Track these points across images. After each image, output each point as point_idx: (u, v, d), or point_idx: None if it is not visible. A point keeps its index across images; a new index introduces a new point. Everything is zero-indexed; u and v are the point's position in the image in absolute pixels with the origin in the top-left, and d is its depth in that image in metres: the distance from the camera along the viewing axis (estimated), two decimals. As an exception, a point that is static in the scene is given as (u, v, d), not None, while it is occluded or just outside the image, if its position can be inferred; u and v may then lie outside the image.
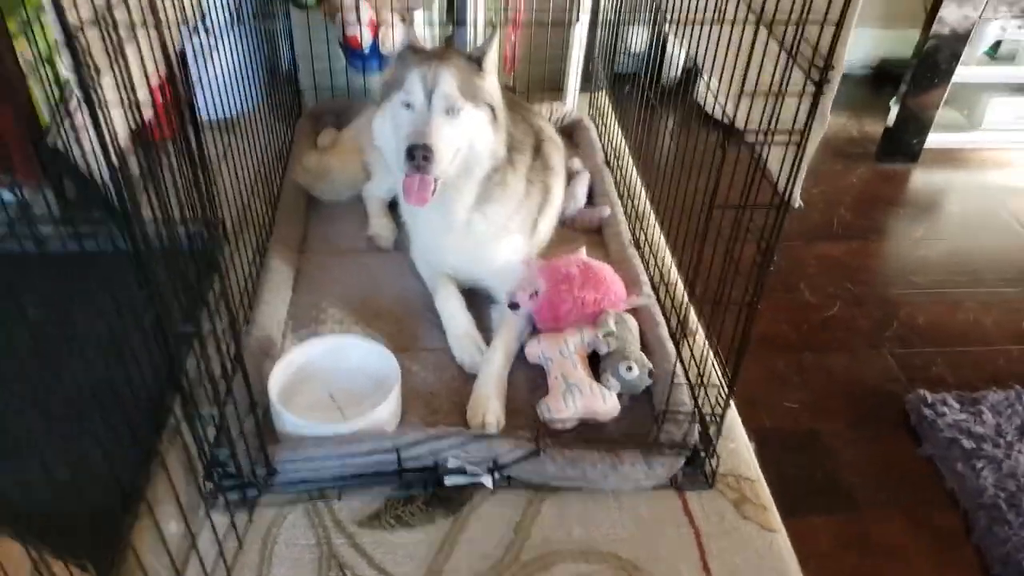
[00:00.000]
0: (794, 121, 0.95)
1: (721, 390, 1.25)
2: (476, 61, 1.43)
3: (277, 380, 1.32)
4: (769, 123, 0.96)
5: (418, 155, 1.31)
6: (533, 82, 2.19)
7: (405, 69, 1.40)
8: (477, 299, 1.59)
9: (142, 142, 0.92)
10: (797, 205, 1.00)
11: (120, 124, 0.90)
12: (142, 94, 0.92)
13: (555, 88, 2.30)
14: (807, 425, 1.64)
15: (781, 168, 1.00)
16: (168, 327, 0.94)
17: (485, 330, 1.52)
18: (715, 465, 1.29)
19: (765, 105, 0.96)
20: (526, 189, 1.56)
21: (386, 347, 1.40)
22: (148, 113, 0.96)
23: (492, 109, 1.43)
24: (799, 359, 1.80)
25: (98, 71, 0.82)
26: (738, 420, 1.40)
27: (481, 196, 1.48)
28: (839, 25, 0.87)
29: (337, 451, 1.22)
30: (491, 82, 1.45)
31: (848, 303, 1.98)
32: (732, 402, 1.24)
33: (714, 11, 1.18)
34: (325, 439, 1.23)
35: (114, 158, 0.85)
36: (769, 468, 1.33)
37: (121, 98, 0.88)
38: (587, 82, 2.32)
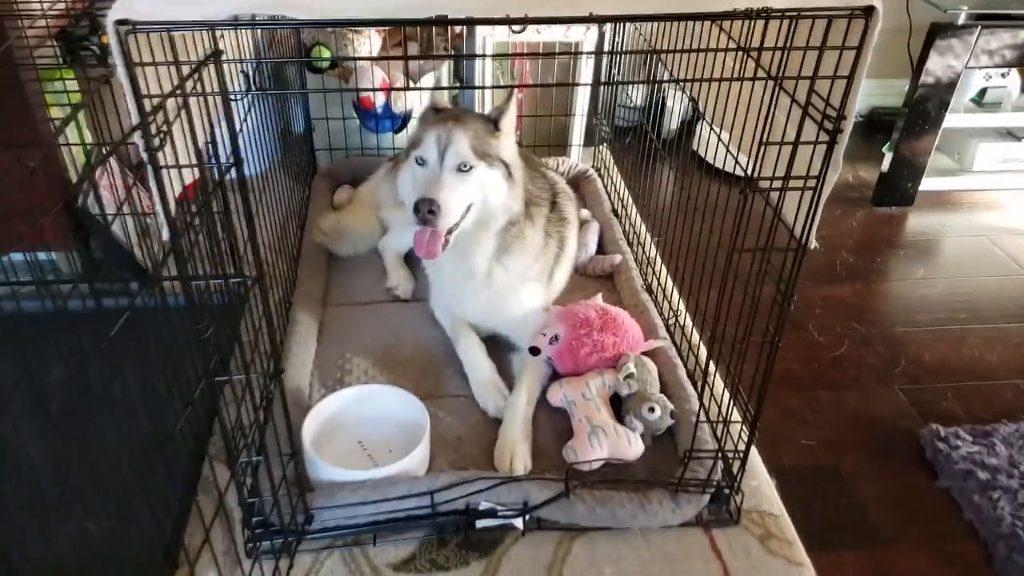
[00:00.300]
0: (808, 168, 1.02)
1: (744, 427, 1.30)
2: (493, 122, 1.50)
3: (309, 429, 1.36)
4: (786, 171, 1.03)
5: (423, 208, 1.38)
6: (539, 138, 2.29)
7: (423, 129, 1.48)
8: (497, 346, 1.65)
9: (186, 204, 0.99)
10: (813, 247, 1.07)
11: (176, 186, 0.97)
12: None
13: (560, 143, 2.40)
14: (825, 461, 1.69)
15: (797, 213, 1.06)
16: (211, 376, 0.99)
17: (507, 376, 1.57)
18: (740, 502, 1.32)
19: (779, 155, 1.03)
20: (544, 241, 1.63)
21: (413, 395, 1.44)
22: (192, 177, 1.02)
23: (507, 167, 1.49)
24: (813, 397, 1.85)
25: (164, 139, 0.89)
26: (759, 458, 1.44)
27: (500, 248, 1.55)
28: (851, 77, 0.95)
29: (372, 496, 1.25)
30: (507, 142, 1.51)
31: (856, 342, 2.05)
32: (755, 438, 1.29)
33: (721, 68, 1.26)
34: (359, 485, 1.26)
35: (173, 219, 0.92)
36: (791, 504, 1.37)
37: (177, 161, 0.95)
38: (590, 136, 2.42)
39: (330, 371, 1.61)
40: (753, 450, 1.39)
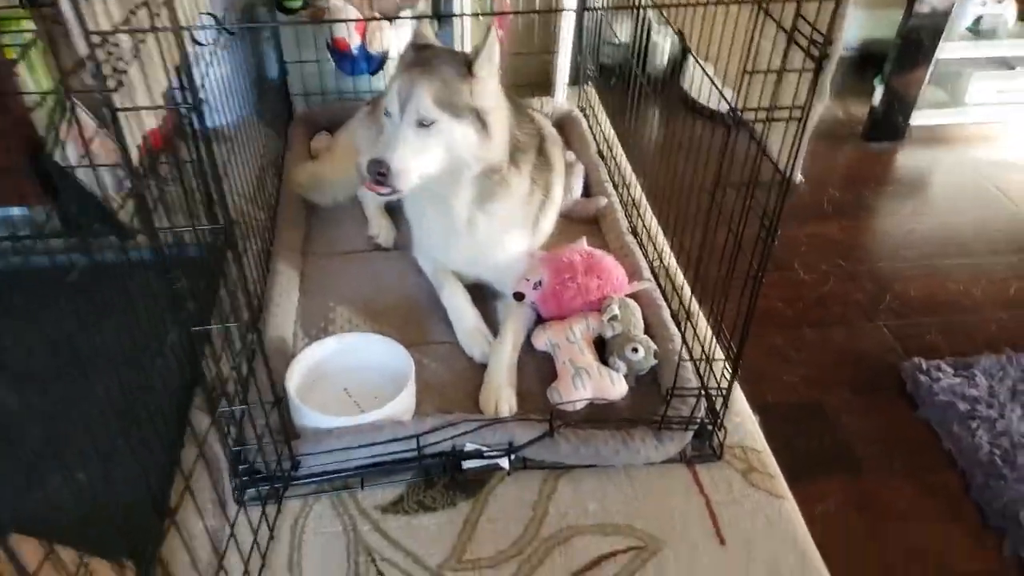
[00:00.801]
0: (794, 98, 1.02)
1: (726, 365, 1.33)
2: (467, 66, 1.40)
3: (293, 377, 1.39)
4: (771, 102, 1.03)
5: (372, 170, 1.36)
6: (522, 77, 2.27)
7: (395, 75, 1.45)
8: (482, 293, 1.66)
9: (153, 153, 0.99)
10: (799, 180, 1.08)
11: (137, 135, 0.98)
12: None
13: (544, 83, 2.38)
14: (809, 397, 1.74)
15: (781, 146, 1.07)
16: (184, 326, 1.00)
17: (491, 322, 1.59)
18: (722, 438, 1.37)
19: (764, 85, 1.04)
20: (529, 188, 1.61)
21: (398, 342, 1.46)
22: (154, 123, 1.02)
23: (479, 116, 1.42)
24: (797, 335, 1.90)
25: (119, 84, 0.88)
26: (742, 396, 1.48)
27: (482, 195, 1.53)
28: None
29: (358, 442, 1.28)
30: (484, 88, 1.42)
31: (842, 279, 2.09)
32: (737, 376, 1.32)
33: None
34: (345, 431, 1.29)
35: (136, 168, 0.92)
36: (775, 439, 1.41)
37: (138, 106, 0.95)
38: (575, 75, 2.40)
39: (314, 320, 1.63)
40: (737, 388, 1.43)
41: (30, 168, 1.70)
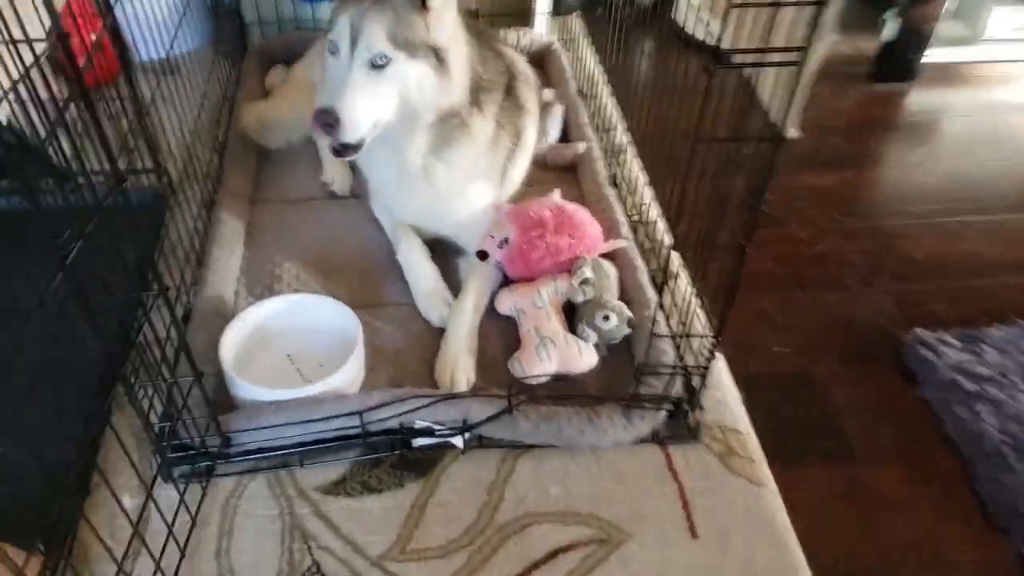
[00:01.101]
0: (789, 39, 0.88)
1: (706, 339, 1.22)
2: None
3: (231, 343, 1.29)
4: (763, 42, 0.89)
5: (320, 120, 1.24)
6: (497, 6, 2.10)
7: (339, 4, 1.30)
8: (443, 250, 1.55)
9: (78, 89, 0.86)
10: (792, 135, 0.95)
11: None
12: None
13: (523, 11, 2.21)
14: (798, 368, 1.63)
15: (774, 93, 0.94)
16: (75, 288, 0.89)
17: (453, 283, 1.48)
18: (700, 417, 1.27)
19: (755, 20, 0.90)
20: (494, 133, 1.48)
21: (347, 304, 1.36)
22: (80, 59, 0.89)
23: (436, 54, 1.30)
24: (788, 299, 1.78)
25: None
26: (724, 367, 1.38)
27: (439, 141, 1.41)
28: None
29: (295, 417, 1.19)
30: (442, 19, 1.30)
31: (840, 237, 1.95)
32: (718, 352, 1.22)
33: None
34: (284, 405, 1.20)
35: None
36: (759, 416, 1.31)
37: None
38: (557, 4, 2.22)
39: (258, 277, 1.52)
40: (719, 359, 1.34)
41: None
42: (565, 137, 1.85)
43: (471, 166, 1.46)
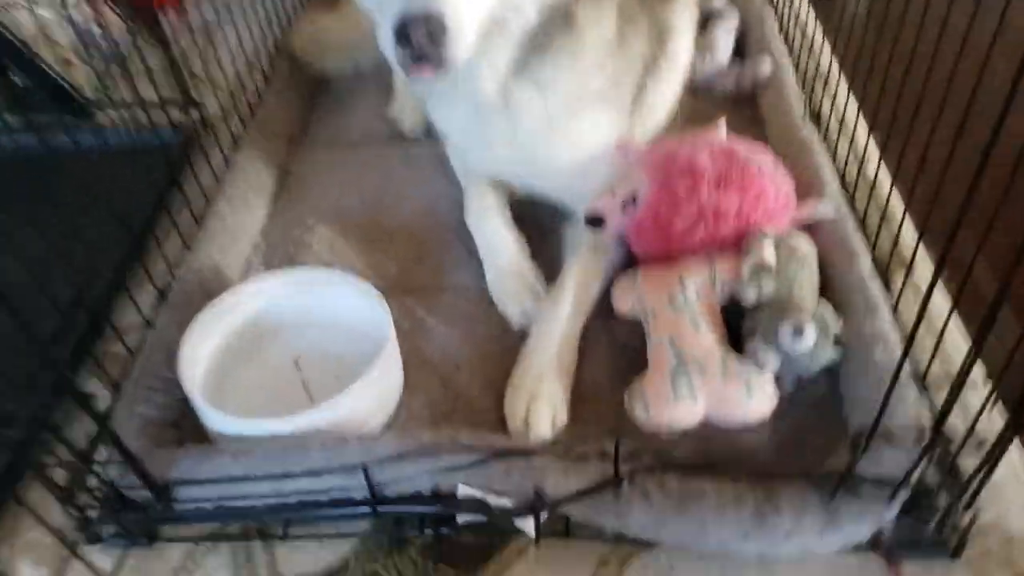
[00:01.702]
0: None
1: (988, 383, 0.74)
2: None
3: (199, 341, 0.94)
4: None
5: (416, 35, 0.83)
6: None
7: None
8: (536, 215, 1.16)
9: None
10: None
11: None
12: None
13: None
14: None
15: None
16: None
17: (549, 265, 1.09)
18: (970, 519, 0.79)
19: None
20: (616, 39, 1.06)
21: (391, 286, 1.03)
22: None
23: None
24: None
25: None
26: (1014, 444, 0.84)
27: (528, 53, 1.01)
28: None
29: (261, 468, 0.82)
30: None
31: None
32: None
33: None
34: (249, 446, 0.84)
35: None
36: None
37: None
38: None
39: (280, 244, 1.20)
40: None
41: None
42: (740, 55, 1.44)
43: (578, 88, 1.04)
